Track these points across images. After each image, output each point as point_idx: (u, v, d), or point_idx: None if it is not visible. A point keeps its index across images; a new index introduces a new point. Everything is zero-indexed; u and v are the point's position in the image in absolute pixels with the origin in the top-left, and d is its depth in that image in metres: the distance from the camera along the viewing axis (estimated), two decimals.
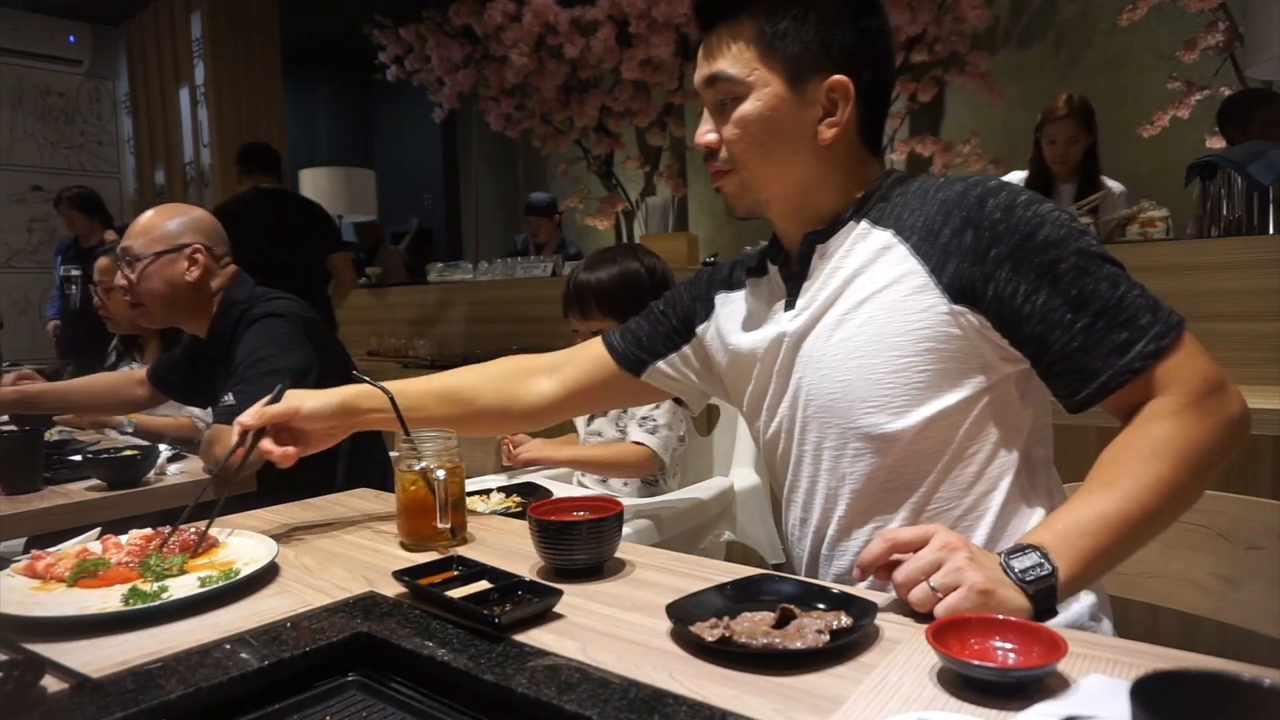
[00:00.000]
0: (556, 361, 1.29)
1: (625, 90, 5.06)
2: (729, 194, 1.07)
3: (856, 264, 1.00)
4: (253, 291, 1.89)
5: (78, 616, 0.86)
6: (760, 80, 0.99)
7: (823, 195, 1.04)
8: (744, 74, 1.00)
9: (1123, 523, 0.83)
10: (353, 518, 1.29)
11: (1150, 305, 0.89)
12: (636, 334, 1.26)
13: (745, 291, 1.17)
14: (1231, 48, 3.75)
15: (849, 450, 1.00)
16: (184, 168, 5.96)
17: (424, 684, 0.78)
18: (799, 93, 0.99)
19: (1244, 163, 2.40)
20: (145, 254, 1.81)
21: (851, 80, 0.99)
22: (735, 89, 1.00)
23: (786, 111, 1.00)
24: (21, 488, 1.55)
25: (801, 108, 1.00)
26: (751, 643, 0.73)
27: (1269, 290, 2.14)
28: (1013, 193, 0.94)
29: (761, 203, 1.05)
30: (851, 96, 0.99)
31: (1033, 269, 0.90)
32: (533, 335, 4.07)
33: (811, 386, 1.03)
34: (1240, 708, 0.49)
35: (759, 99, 1.00)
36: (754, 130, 1.01)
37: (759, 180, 1.04)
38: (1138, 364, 0.88)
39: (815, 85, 0.99)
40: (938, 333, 0.94)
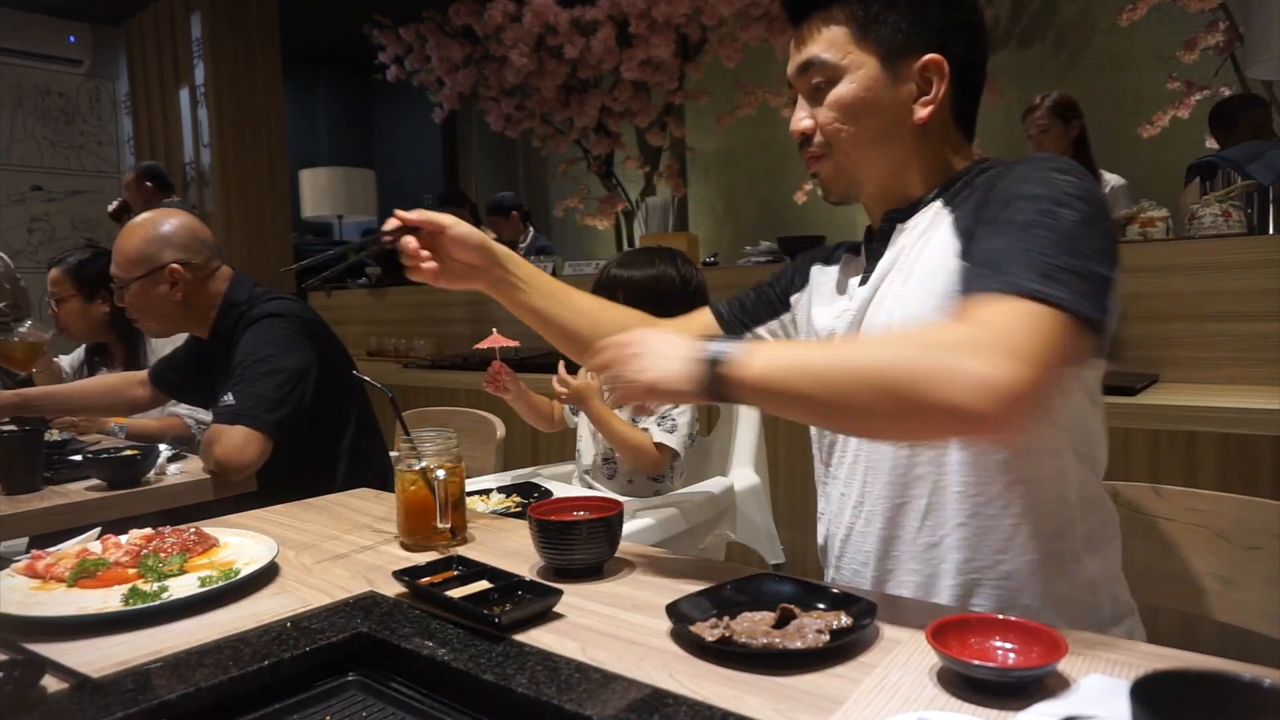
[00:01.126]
0: (676, 324, 1.28)
1: (625, 90, 5.06)
2: (824, 178, 1.07)
3: (921, 240, 1.01)
4: (253, 291, 1.89)
5: (78, 616, 0.86)
6: (855, 63, 1.00)
7: (913, 177, 1.04)
8: (838, 58, 1.00)
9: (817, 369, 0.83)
10: (353, 518, 1.29)
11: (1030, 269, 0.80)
12: (742, 301, 1.28)
13: (838, 267, 1.18)
14: (1231, 48, 3.75)
15: None
16: (184, 168, 5.96)
17: (424, 684, 0.79)
18: (893, 73, 0.99)
19: (1244, 162, 2.40)
20: (127, 279, 1.82)
21: (945, 58, 0.99)
22: (830, 73, 1.01)
23: (881, 92, 1.00)
24: (21, 488, 1.55)
25: (896, 87, 1.00)
26: (751, 643, 0.73)
27: (1269, 290, 2.14)
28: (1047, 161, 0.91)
29: (857, 185, 1.06)
30: (946, 75, 0.99)
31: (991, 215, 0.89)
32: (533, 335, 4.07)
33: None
34: (1240, 708, 0.49)
35: (854, 80, 1.00)
36: (850, 112, 1.01)
37: (854, 162, 1.04)
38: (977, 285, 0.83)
39: (909, 65, 0.99)
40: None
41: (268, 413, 1.67)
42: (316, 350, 1.81)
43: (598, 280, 1.84)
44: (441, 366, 3.99)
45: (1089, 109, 4.65)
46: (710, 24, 4.57)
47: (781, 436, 2.78)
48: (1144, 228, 2.48)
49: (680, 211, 5.43)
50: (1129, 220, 2.52)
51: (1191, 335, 2.24)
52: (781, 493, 2.73)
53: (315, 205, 6.61)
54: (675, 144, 5.44)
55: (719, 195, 6.37)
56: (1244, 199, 2.38)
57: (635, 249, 1.91)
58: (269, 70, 5.86)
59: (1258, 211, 2.43)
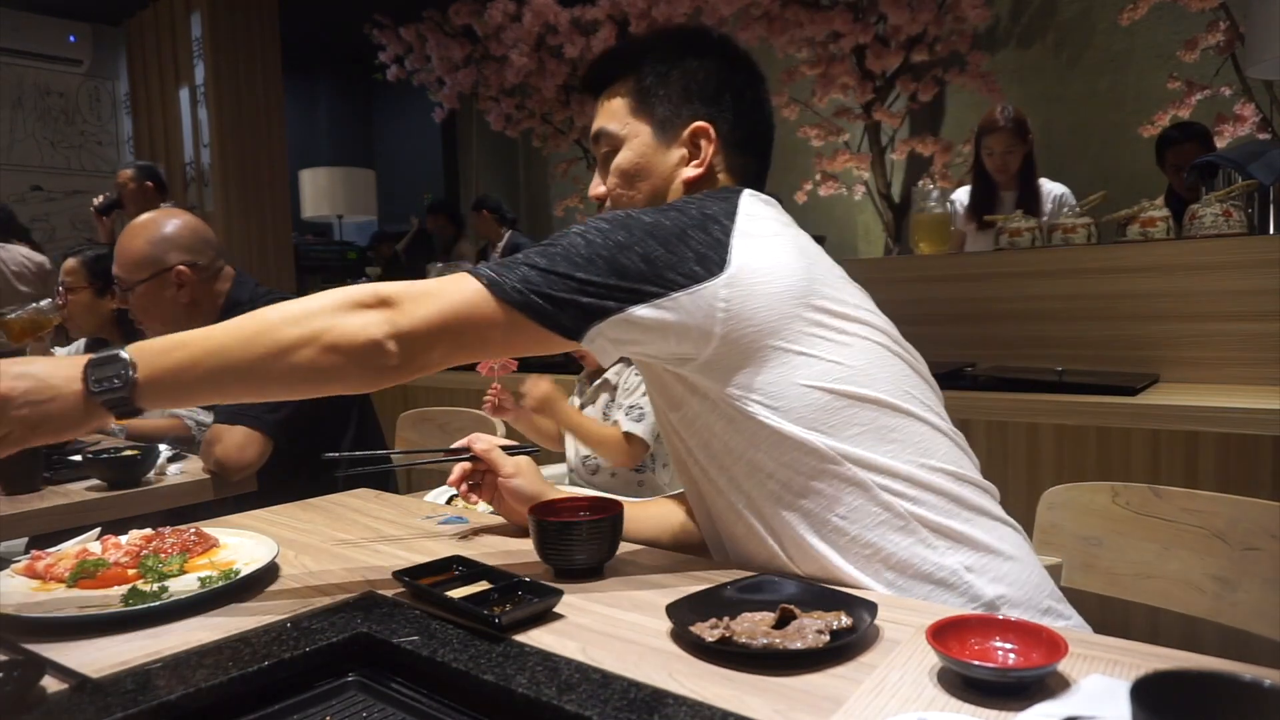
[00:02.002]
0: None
1: None
2: None
3: None
4: (255, 291, 1.89)
5: (78, 616, 0.86)
6: (632, 132, 1.09)
7: None
8: (619, 129, 1.10)
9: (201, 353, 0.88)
10: (353, 518, 1.29)
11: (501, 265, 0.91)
12: None
13: None
14: (1232, 48, 3.75)
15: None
16: (184, 168, 5.96)
17: (424, 684, 0.79)
18: (665, 138, 1.08)
19: (1244, 163, 2.40)
20: (132, 281, 1.82)
21: (712, 125, 1.07)
22: (613, 142, 1.10)
23: (653, 155, 1.09)
24: (21, 488, 1.55)
25: (668, 151, 1.09)
26: (751, 643, 0.73)
27: (1269, 290, 2.14)
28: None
29: None
30: (714, 139, 1.07)
31: None
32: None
33: None
34: (1240, 708, 0.49)
35: (630, 149, 1.09)
36: (628, 176, 1.10)
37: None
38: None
39: (678, 131, 1.08)
40: None
41: (268, 413, 1.67)
42: None
43: None
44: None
45: (1089, 109, 4.65)
46: (710, 24, 4.56)
47: None
48: (1144, 228, 2.47)
49: None
50: (1128, 220, 2.52)
51: (1192, 335, 2.24)
52: None
53: (315, 205, 6.60)
54: None
55: None
56: (1244, 199, 2.38)
57: None
58: (269, 70, 5.86)
59: (1258, 211, 2.43)
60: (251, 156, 5.75)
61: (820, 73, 4.37)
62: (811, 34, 4.21)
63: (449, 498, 1.64)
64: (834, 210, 5.18)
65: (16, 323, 2.43)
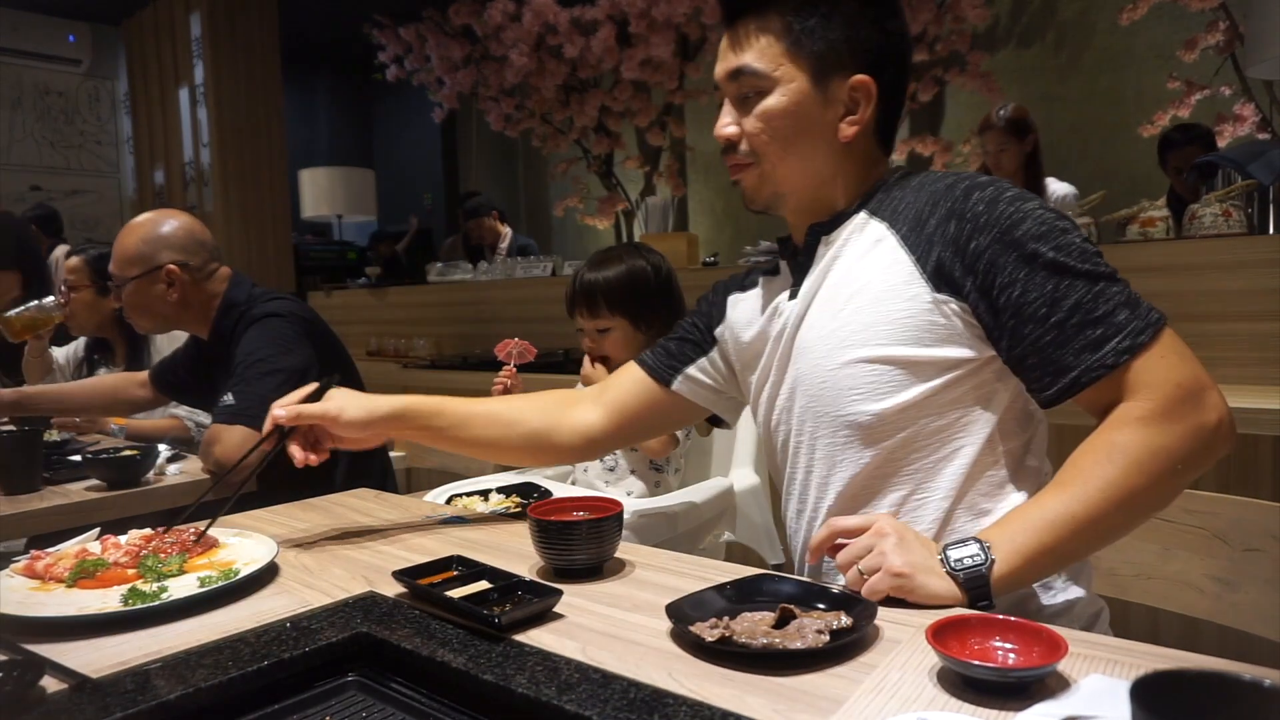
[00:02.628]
0: (597, 390, 1.30)
1: (625, 90, 5.06)
2: (747, 187, 1.07)
3: (853, 255, 1.03)
4: (251, 292, 1.89)
5: (78, 616, 0.86)
6: (786, 76, 1.01)
7: (835, 190, 1.06)
8: (770, 69, 1.01)
9: (1068, 523, 0.85)
10: (353, 518, 1.29)
11: (1129, 302, 0.89)
12: (666, 347, 1.28)
13: (756, 290, 1.19)
14: (1232, 48, 3.75)
15: (840, 438, 1.01)
16: (184, 168, 5.96)
17: (424, 684, 0.78)
18: (823, 90, 1.01)
19: (1244, 162, 2.40)
20: (124, 277, 1.83)
21: (874, 80, 1.01)
22: (760, 83, 1.01)
23: (810, 108, 1.01)
24: (21, 488, 1.55)
25: (825, 105, 1.02)
26: (751, 643, 0.73)
27: (1269, 290, 2.14)
28: (999, 187, 0.95)
29: (779, 196, 1.07)
30: (873, 96, 1.01)
31: (1010, 262, 0.91)
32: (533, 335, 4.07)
33: (805, 376, 1.04)
34: (1240, 708, 0.49)
35: (784, 95, 1.01)
36: (777, 125, 1.02)
37: (779, 174, 1.05)
38: (1110, 359, 0.87)
39: (839, 83, 1.01)
40: (921, 321, 0.95)
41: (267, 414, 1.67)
42: (316, 350, 1.81)
43: (571, 291, 1.84)
44: (441, 366, 3.99)
45: (1089, 109, 4.65)
46: (710, 24, 4.57)
47: None
48: (1144, 228, 2.48)
49: (680, 211, 5.44)
50: (1129, 220, 2.52)
51: (1191, 335, 2.22)
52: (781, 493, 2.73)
53: (315, 205, 6.61)
54: (675, 144, 5.44)
55: (719, 195, 6.37)
56: (1244, 199, 2.38)
57: (597, 252, 1.90)
58: (269, 70, 5.86)
59: (1258, 211, 2.43)
60: (251, 156, 5.76)
61: None
62: None
63: (449, 498, 1.64)
64: None
65: (17, 320, 2.44)
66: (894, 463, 0.99)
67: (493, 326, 4.36)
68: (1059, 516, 0.85)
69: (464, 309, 4.52)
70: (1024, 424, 1.00)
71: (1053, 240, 0.90)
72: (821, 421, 1.03)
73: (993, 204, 0.93)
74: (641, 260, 1.81)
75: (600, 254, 1.87)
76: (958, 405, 0.97)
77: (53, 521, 1.47)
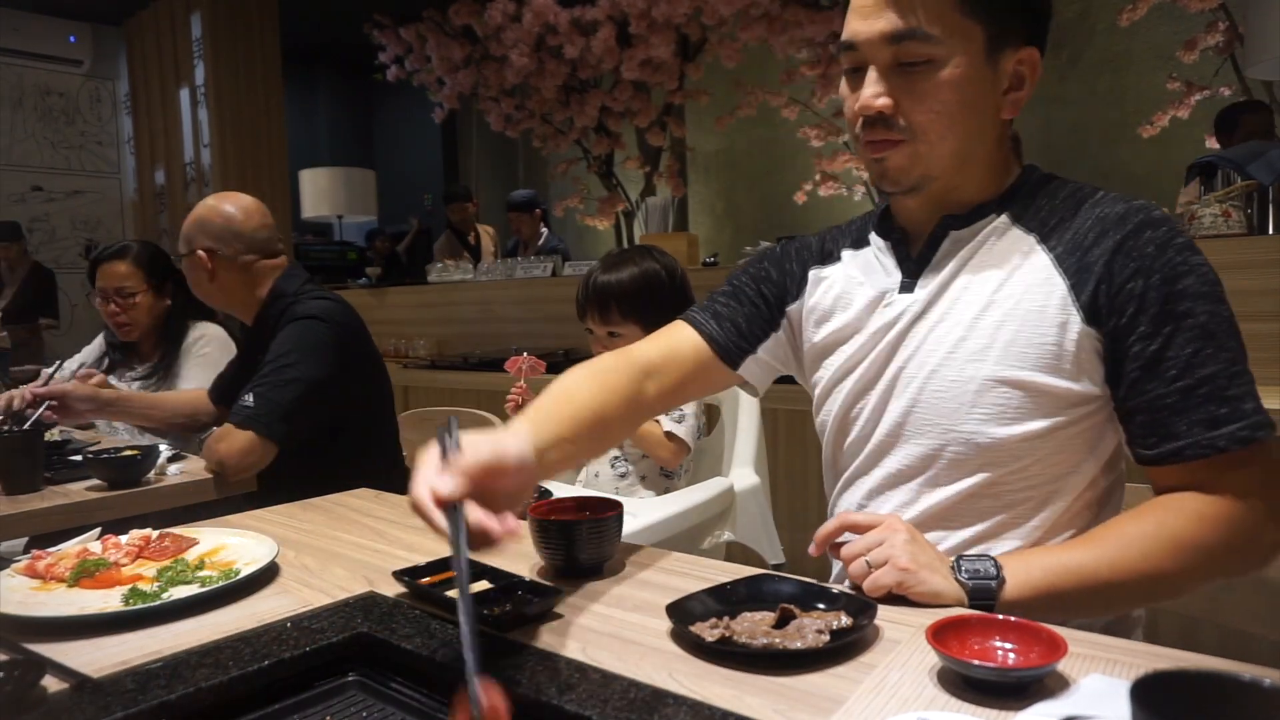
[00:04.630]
0: (655, 363, 1.11)
1: (625, 90, 5.06)
2: (893, 166, 0.95)
3: (992, 261, 0.95)
4: (302, 286, 1.93)
5: (78, 616, 0.86)
6: (961, 43, 0.89)
7: (973, 175, 0.98)
8: (942, 32, 0.88)
9: (1086, 579, 0.84)
10: (353, 518, 1.29)
11: (1254, 394, 0.86)
12: (735, 322, 1.14)
13: (844, 267, 1.09)
14: (1232, 48, 3.75)
15: (947, 452, 0.95)
16: (184, 168, 5.96)
17: (424, 684, 0.78)
18: (994, 61, 0.91)
19: (1244, 162, 2.40)
20: (178, 255, 1.96)
21: (1039, 54, 0.93)
22: (931, 50, 0.89)
23: (981, 81, 0.91)
24: (21, 488, 1.55)
25: (994, 79, 0.92)
26: (751, 643, 0.73)
27: (1269, 290, 2.14)
28: (1171, 230, 0.89)
29: (929, 178, 0.95)
30: (1038, 71, 0.93)
31: (1160, 313, 0.86)
32: (533, 335, 4.07)
33: (913, 377, 0.97)
34: (1240, 708, 0.49)
35: (958, 65, 0.89)
36: (948, 99, 0.90)
37: (937, 154, 0.93)
38: (1222, 443, 0.84)
39: (1009, 55, 0.92)
40: (1065, 351, 0.90)
41: (280, 421, 1.69)
42: (348, 358, 1.83)
43: (583, 294, 1.81)
44: (441, 367, 3.99)
45: (1089, 109, 4.65)
46: (710, 24, 4.57)
47: (781, 436, 2.78)
48: None
49: (680, 211, 5.43)
50: None
51: None
52: (781, 493, 2.73)
53: (315, 205, 6.61)
54: (675, 144, 5.44)
55: (719, 195, 6.37)
56: (1244, 199, 2.38)
57: (609, 254, 1.89)
58: (269, 70, 5.86)
59: (1258, 211, 2.43)
60: (251, 156, 5.76)
61: (820, 73, 4.37)
62: (811, 34, 4.21)
63: None
64: (834, 210, 5.18)
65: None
66: (1000, 486, 0.94)
67: (493, 326, 4.36)
68: (1081, 569, 0.84)
69: (464, 309, 4.52)
70: (1117, 464, 0.98)
71: (1208, 304, 0.86)
72: (926, 430, 0.96)
73: (1163, 248, 0.87)
74: (654, 263, 1.80)
75: (612, 256, 1.85)
76: (1073, 441, 0.93)
77: (53, 521, 1.47)
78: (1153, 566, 0.84)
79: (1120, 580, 0.84)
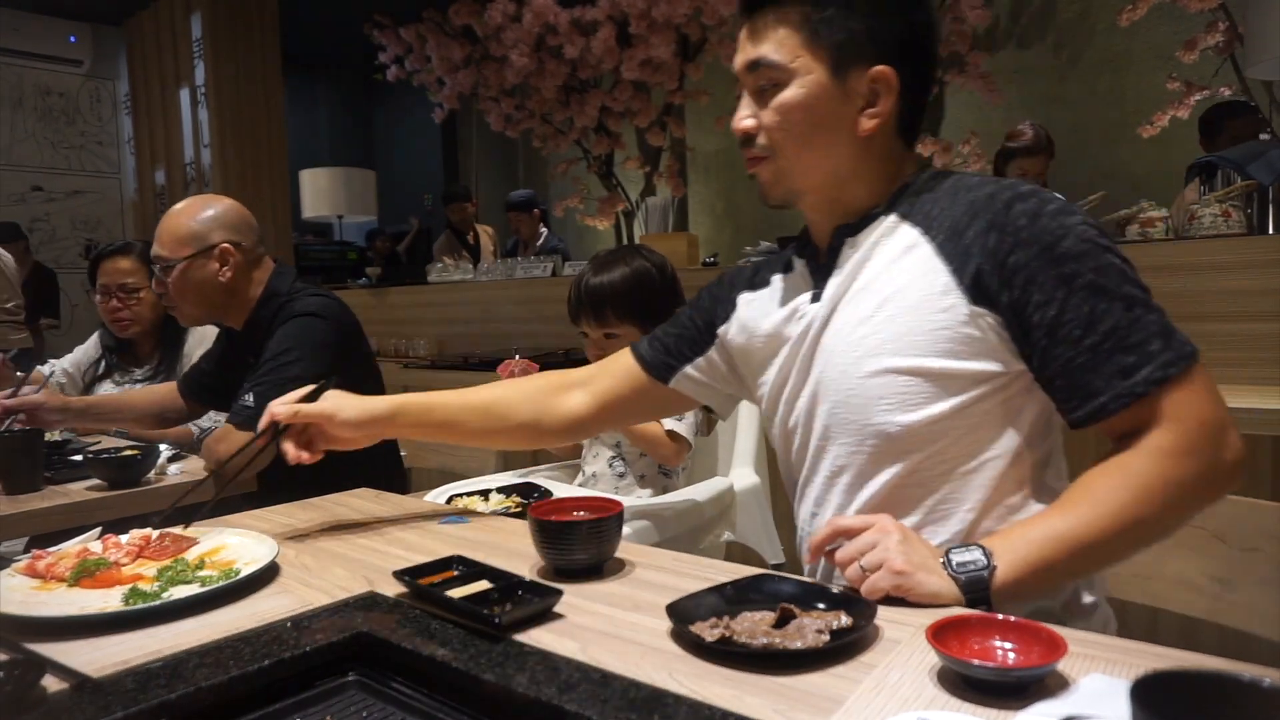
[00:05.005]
0: (587, 375, 1.29)
1: (625, 90, 5.06)
2: (763, 181, 1.06)
3: (883, 259, 1.00)
4: (294, 284, 1.88)
5: (78, 616, 0.86)
6: (803, 68, 0.99)
7: (856, 188, 1.04)
8: (787, 60, 0.99)
9: (1073, 543, 0.85)
10: (353, 518, 1.29)
11: (1163, 331, 0.88)
12: (664, 341, 1.26)
13: (770, 289, 1.16)
14: (1232, 48, 3.75)
15: (866, 447, 1.00)
16: (184, 168, 5.96)
17: (424, 684, 0.78)
18: (841, 82, 0.99)
19: (1244, 163, 2.40)
20: (175, 259, 1.78)
21: (895, 71, 0.99)
22: (777, 75, 0.99)
23: (828, 101, 0.99)
24: (21, 488, 1.56)
25: (843, 97, 0.99)
26: (751, 643, 0.73)
27: (1269, 290, 2.14)
28: (1041, 200, 0.93)
29: (795, 192, 1.05)
30: (894, 88, 0.99)
31: (1048, 280, 0.89)
32: (533, 335, 4.07)
33: (830, 381, 1.02)
34: (1240, 708, 0.49)
35: (801, 86, 0.99)
36: (794, 118, 1.00)
37: (796, 169, 1.03)
38: (1140, 389, 0.87)
39: (858, 75, 0.99)
40: (957, 333, 0.94)
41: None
42: (344, 356, 1.81)
43: (575, 297, 1.81)
44: (441, 366, 3.99)
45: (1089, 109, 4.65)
46: (710, 24, 4.57)
47: None
48: (1144, 228, 2.48)
49: (680, 211, 5.43)
50: (1128, 220, 2.52)
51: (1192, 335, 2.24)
52: (781, 493, 2.73)
53: (315, 205, 6.60)
54: (675, 144, 5.44)
55: (719, 195, 6.37)
56: (1244, 199, 2.38)
57: (597, 255, 1.88)
58: (269, 70, 5.86)
59: (1258, 211, 2.43)
60: (251, 156, 5.76)
61: None
62: None
63: (449, 498, 1.64)
64: None
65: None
66: (921, 473, 0.98)
67: (493, 326, 4.36)
68: (1064, 534, 0.85)
69: (464, 309, 4.52)
70: (1045, 434, 1.00)
71: (1093, 260, 0.89)
72: (847, 429, 1.01)
73: (1035, 218, 0.91)
74: (644, 261, 1.79)
75: (601, 257, 1.84)
76: (987, 418, 0.96)
77: (53, 521, 1.47)
78: (1132, 515, 0.85)
79: (1106, 538, 0.85)
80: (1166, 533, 0.90)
